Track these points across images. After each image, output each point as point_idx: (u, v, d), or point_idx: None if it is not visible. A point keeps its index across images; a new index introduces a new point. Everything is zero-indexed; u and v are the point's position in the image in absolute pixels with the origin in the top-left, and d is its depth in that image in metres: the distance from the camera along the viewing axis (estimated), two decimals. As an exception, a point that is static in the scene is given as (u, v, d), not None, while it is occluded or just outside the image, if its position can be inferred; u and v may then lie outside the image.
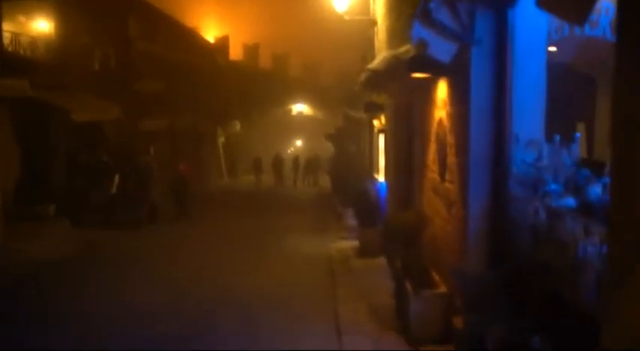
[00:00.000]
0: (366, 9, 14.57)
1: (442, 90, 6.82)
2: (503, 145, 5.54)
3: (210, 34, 47.55)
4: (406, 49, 8.45)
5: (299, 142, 56.96)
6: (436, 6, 5.24)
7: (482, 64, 5.62)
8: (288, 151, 52.01)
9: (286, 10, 52.14)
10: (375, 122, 12.69)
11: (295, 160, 38.40)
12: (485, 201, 5.69)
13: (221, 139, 41.88)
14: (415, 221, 7.16)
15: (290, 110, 48.06)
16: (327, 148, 38.92)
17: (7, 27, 18.56)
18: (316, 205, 24.04)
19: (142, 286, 10.63)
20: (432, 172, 7.41)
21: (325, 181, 36.39)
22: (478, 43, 5.57)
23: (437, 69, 6.58)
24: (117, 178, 16.79)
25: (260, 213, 21.12)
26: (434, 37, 5.51)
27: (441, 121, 6.86)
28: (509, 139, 5.52)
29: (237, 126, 43.21)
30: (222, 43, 46.94)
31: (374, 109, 12.42)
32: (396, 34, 10.38)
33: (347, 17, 13.79)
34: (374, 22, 13.72)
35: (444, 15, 5.34)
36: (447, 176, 6.62)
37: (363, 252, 12.34)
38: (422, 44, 5.49)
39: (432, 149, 7.43)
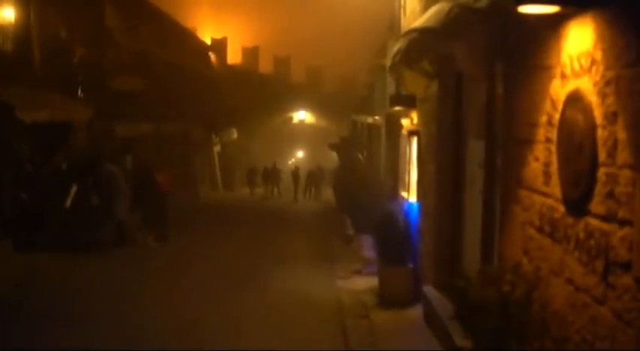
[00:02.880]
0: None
1: (584, 37, 3.52)
2: None
3: (208, 35, 44.44)
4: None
5: (300, 153, 53.81)
6: None
7: None
8: (289, 162, 48.87)
9: (288, 10, 49.15)
10: (404, 122, 9.39)
11: (295, 171, 35.14)
12: None
13: (216, 148, 38.79)
14: (524, 290, 3.84)
15: (291, 118, 44.79)
16: (332, 160, 35.78)
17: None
18: (320, 224, 20.71)
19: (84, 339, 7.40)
20: (542, 195, 4.11)
21: (328, 195, 33.29)
22: None
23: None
24: (73, 190, 13.47)
25: (254, 233, 17.76)
26: None
27: (576, 99, 3.56)
28: None
29: (234, 134, 40.11)
30: (220, 45, 43.88)
31: (403, 103, 9.16)
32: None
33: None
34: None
35: None
36: (597, 207, 3.31)
37: (386, 298, 9.01)
38: None
39: (540, 153, 4.14)
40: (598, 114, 3.30)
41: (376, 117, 18.06)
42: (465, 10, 5.10)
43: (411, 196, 8.98)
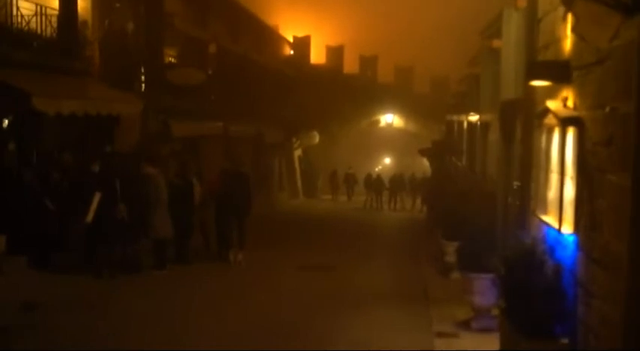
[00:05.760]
0: None
1: None
2: None
3: (290, 34, 41.91)
4: None
5: (387, 159, 50.33)
6: None
7: None
8: (376, 169, 45.49)
9: (375, 6, 45.83)
10: (553, 105, 5.88)
11: (377, 179, 31.83)
12: None
13: (297, 152, 36.09)
14: None
15: (378, 121, 41.30)
16: (423, 167, 32.32)
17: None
18: (409, 244, 17.23)
19: None
20: None
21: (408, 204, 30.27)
22: None
23: None
24: (96, 198, 10.71)
25: (328, 256, 14.47)
26: None
27: None
28: None
29: (316, 138, 37.26)
30: (303, 44, 41.19)
31: (549, 74, 5.70)
32: None
33: None
34: None
35: None
36: None
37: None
38: None
39: None
40: None
41: (481, 115, 14.50)
42: None
43: (564, 226, 5.51)
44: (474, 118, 15.62)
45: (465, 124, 17.90)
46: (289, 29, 43.13)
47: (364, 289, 10.93)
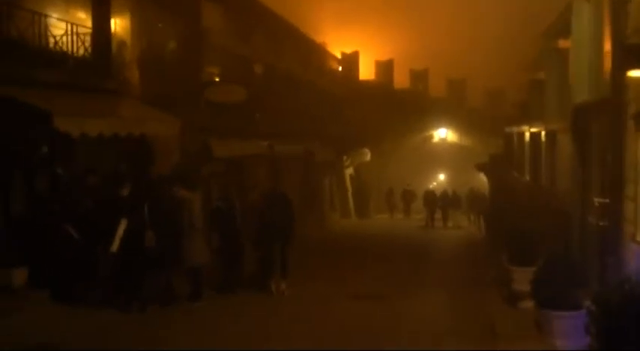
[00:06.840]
0: None
1: None
2: None
3: (337, 50, 41.08)
4: None
5: (442, 176, 48.62)
6: None
7: None
8: (430, 186, 43.98)
9: (424, 20, 44.55)
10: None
11: (428, 195, 30.51)
12: None
13: (348, 171, 34.93)
14: None
15: (431, 137, 39.87)
16: (481, 183, 30.77)
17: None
18: (468, 265, 15.76)
19: None
20: None
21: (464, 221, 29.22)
22: None
23: None
24: (122, 226, 9.78)
25: (382, 282, 13.11)
26: None
27: None
28: None
29: (367, 155, 36.14)
30: (351, 60, 40.31)
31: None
32: None
33: None
34: None
35: None
36: None
37: None
38: None
39: None
40: None
41: (547, 124, 13.10)
42: None
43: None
44: (538, 127, 14.18)
45: (527, 136, 16.44)
46: (337, 46, 42.30)
47: (423, 322, 9.62)
